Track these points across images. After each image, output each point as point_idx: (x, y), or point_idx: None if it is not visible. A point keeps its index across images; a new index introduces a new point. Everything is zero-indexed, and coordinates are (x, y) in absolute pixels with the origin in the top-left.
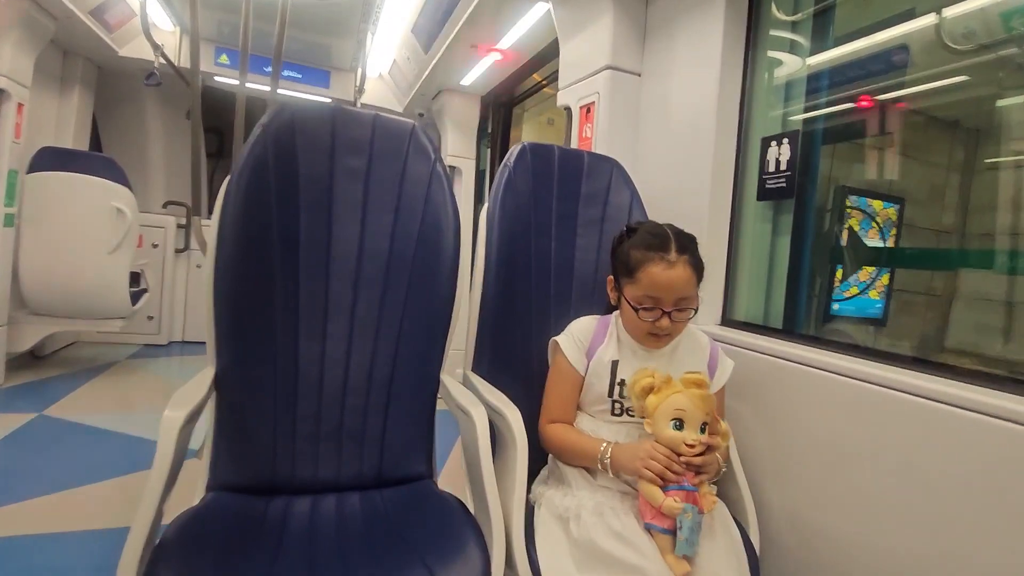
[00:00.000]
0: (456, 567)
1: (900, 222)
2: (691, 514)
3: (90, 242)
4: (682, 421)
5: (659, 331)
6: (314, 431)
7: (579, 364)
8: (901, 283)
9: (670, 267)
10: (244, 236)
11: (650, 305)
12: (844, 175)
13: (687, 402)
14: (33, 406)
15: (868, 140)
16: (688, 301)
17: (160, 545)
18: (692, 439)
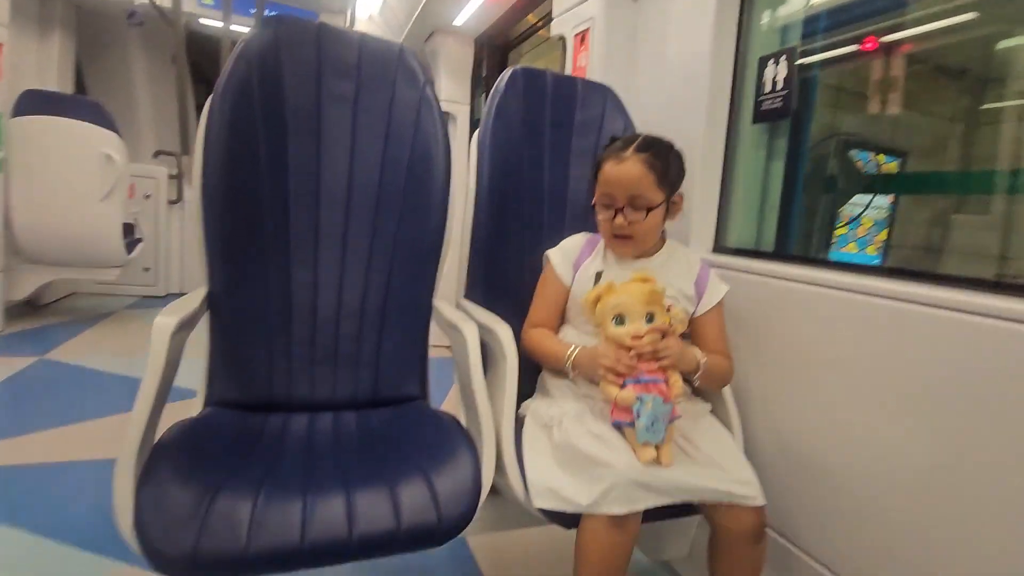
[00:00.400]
0: (449, 472)
1: (892, 220)
2: (650, 403)
3: (80, 189)
4: (623, 316)
5: (617, 230)
6: (309, 354)
7: (565, 274)
8: (900, 239)
9: (620, 163)
10: (230, 159)
11: (606, 203)
12: (843, 125)
13: (624, 297)
14: (34, 350)
15: (870, 79)
16: (640, 199)
17: (159, 445)
18: (634, 331)
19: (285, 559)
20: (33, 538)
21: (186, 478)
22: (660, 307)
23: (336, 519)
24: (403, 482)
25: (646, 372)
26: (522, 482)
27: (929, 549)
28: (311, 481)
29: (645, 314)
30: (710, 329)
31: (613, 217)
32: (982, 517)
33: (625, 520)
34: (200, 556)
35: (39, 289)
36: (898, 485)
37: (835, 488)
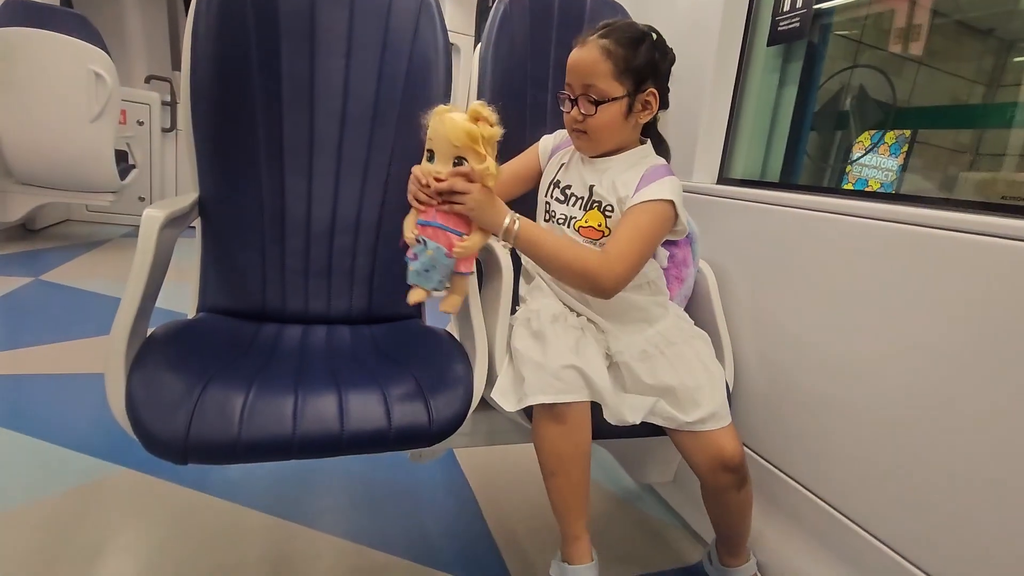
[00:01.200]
0: (441, 378)
1: (913, 140)
2: (432, 252)
3: (69, 109)
4: (432, 152)
5: (572, 123)
6: (303, 267)
7: (544, 153)
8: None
9: (581, 47)
10: (219, 58)
11: (565, 93)
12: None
13: (440, 130)
14: (28, 271)
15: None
16: (593, 89)
17: (150, 338)
18: (437, 171)
19: (276, 449)
20: (32, 440)
21: (178, 367)
22: (476, 153)
23: (328, 414)
24: (395, 386)
25: (440, 218)
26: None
27: (927, 479)
28: (304, 380)
29: (453, 157)
30: (622, 224)
31: (569, 110)
32: (984, 446)
33: (560, 413)
34: (192, 441)
35: (32, 212)
36: (895, 413)
37: (829, 417)
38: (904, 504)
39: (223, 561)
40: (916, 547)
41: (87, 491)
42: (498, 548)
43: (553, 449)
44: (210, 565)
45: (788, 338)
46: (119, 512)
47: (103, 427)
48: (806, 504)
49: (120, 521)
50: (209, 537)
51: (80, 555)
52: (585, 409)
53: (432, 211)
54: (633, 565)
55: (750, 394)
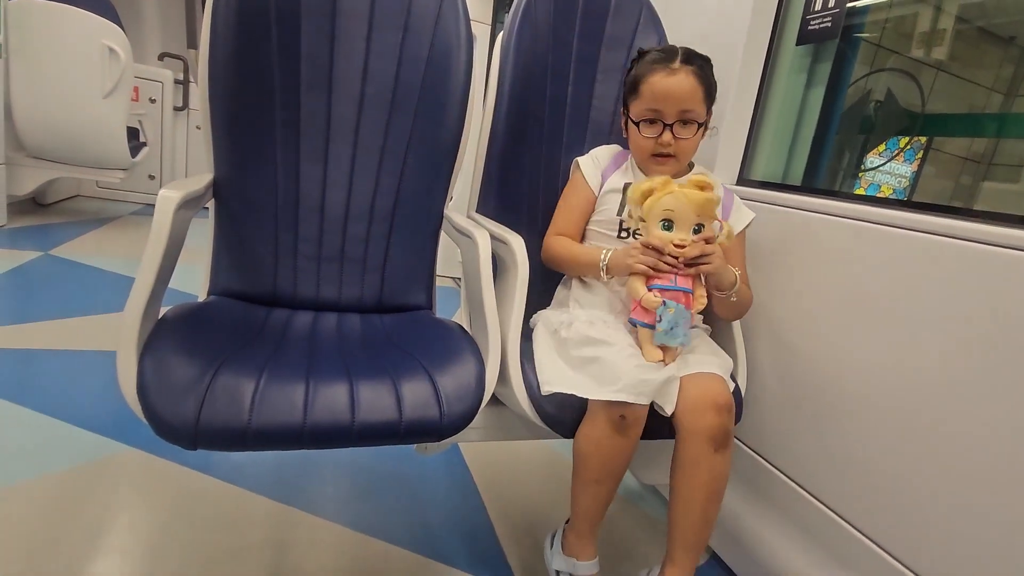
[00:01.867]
0: (453, 372)
1: (928, 147)
2: (673, 309)
3: (82, 84)
4: (671, 222)
5: (661, 148)
6: (315, 252)
7: (593, 181)
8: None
9: (671, 74)
10: (239, 35)
11: (652, 118)
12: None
13: (675, 202)
14: (38, 246)
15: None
16: (691, 114)
17: (162, 320)
18: (680, 239)
19: (286, 438)
20: (38, 415)
21: (189, 352)
22: (712, 218)
23: (339, 405)
24: (406, 379)
25: (679, 280)
26: (525, 391)
27: (943, 495)
28: (315, 369)
29: (694, 224)
30: (733, 256)
31: (660, 134)
32: (1006, 464)
33: (628, 424)
34: (203, 427)
35: (43, 187)
36: (912, 425)
37: (843, 427)
38: (918, 520)
39: (226, 544)
40: (930, 566)
41: (92, 468)
42: (499, 542)
43: (609, 460)
44: (213, 547)
45: (803, 345)
46: (123, 491)
47: (109, 405)
48: (817, 515)
49: (124, 500)
50: (213, 520)
51: (83, 532)
52: (643, 421)
53: (673, 277)
54: (634, 563)
55: (762, 400)
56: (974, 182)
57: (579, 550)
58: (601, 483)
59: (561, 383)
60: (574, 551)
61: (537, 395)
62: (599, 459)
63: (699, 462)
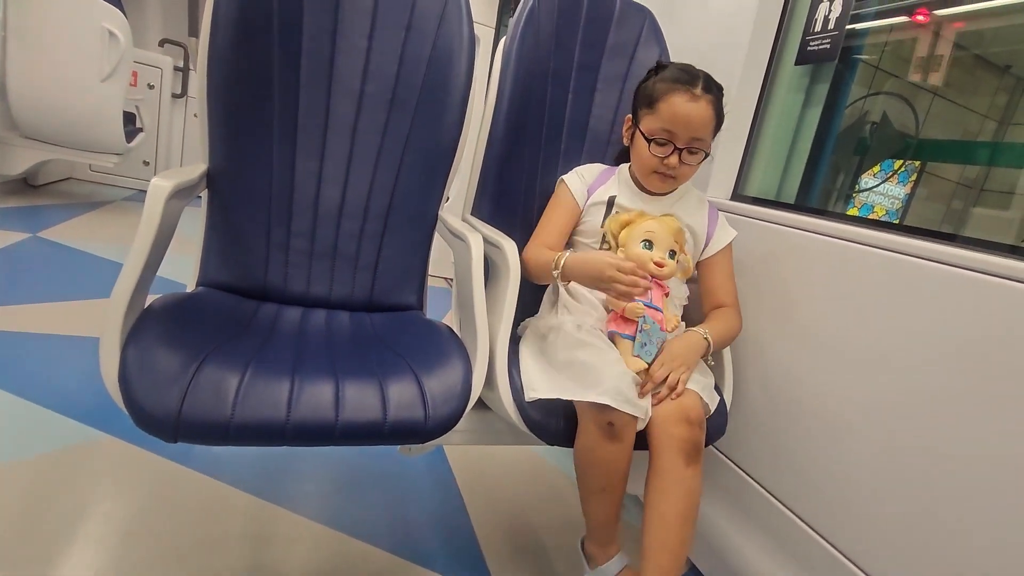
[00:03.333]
0: (440, 374)
1: (922, 170)
2: (650, 326)
3: (80, 65)
4: (651, 242)
5: (666, 169)
6: (308, 248)
7: (579, 195)
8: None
9: (693, 100)
10: (240, 26)
11: (664, 139)
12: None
13: (657, 226)
14: (26, 227)
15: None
16: (701, 143)
17: (148, 310)
18: (659, 257)
19: (268, 434)
20: (17, 400)
21: (173, 343)
22: (682, 249)
23: (323, 403)
24: (393, 379)
25: (654, 299)
26: (511, 396)
27: (933, 521)
28: (301, 365)
29: (669, 248)
30: (719, 272)
31: (668, 154)
32: (984, 487)
33: (619, 431)
34: (184, 419)
35: (35, 167)
36: (902, 450)
37: (822, 441)
38: (898, 540)
39: (203, 535)
40: None
41: (70, 455)
42: (479, 546)
43: (607, 467)
44: (190, 539)
45: (790, 361)
46: (101, 479)
47: (90, 392)
48: (797, 533)
49: (101, 488)
50: (191, 511)
51: (58, 519)
52: (633, 427)
53: (648, 293)
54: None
55: (748, 418)
56: (965, 207)
57: (603, 555)
58: (606, 491)
59: (545, 389)
60: (599, 559)
61: (523, 401)
62: (597, 468)
63: (670, 473)
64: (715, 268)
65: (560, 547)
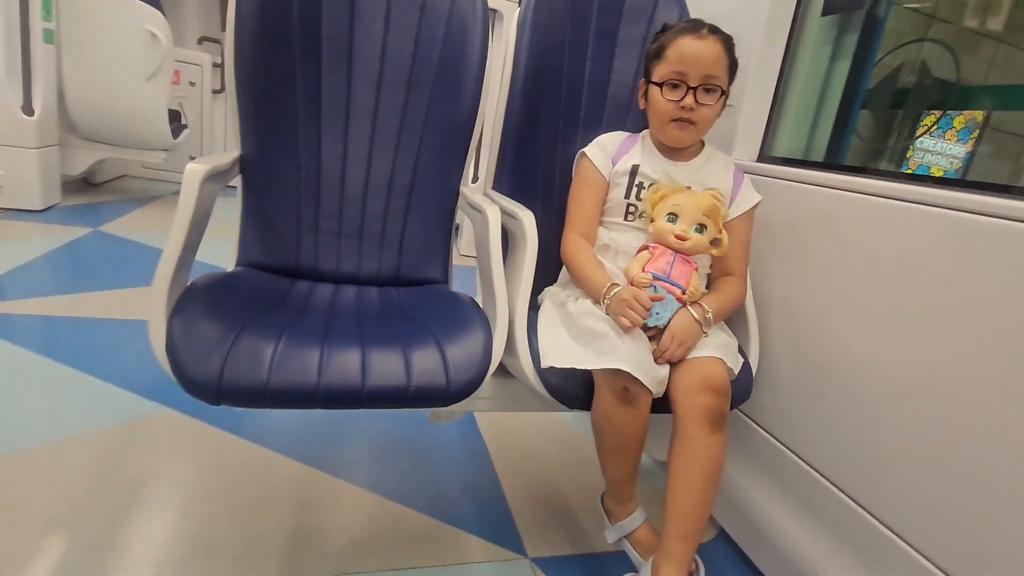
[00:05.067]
0: (461, 342)
1: (985, 126)
2: (663, 295)
3: (126, 67)
4: (676, 216)
5: (683, 113)
6: (336, 228)
7: (603, 168)
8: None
9: (699, 39)
10: (262, 18)
11: (676, 80)
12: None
13: (684, 199)
14: (88, 222)
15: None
16: (715, 80)
17: (191, 286)
18: (680, 231)
19: (301, 397)
20: (87, 377)
21: (214, 315)
22: (716, 223)
23: (351, 369)
24: (416, 347)
25: (673, 273)
26: (531, 362)
27: (961, 484)
28: (330, 335)
29: (697, 223)
30: (734, 238)
31: (682, 97)
32: (1019, 449)
33: (633, 397)
34: (225, 383)
35: (93, 167)
36: (931, 414)
37: (858, 412)
38: (932, 506)
39: (251, 497)
40: (940, 549)
41: (133, 426)
42: (510, 511)
43: (622, 431)
44: (239, 499)
45: (820, 327)
46: (159, 447)
47: (150, 368)
48: (827, 496)
49: (160, 455)
50: (240, 475)
51: (123, 484)
52: (648, 393)
53: (665, 265)
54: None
55: (775, 381)
56: None
57: (622, 512)
58: (621, 452)
59: (560, 358)
60: (618, 516)
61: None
62: (612, 431)
63: (695, 442)
64: (731, 233)
65: (587, 509)
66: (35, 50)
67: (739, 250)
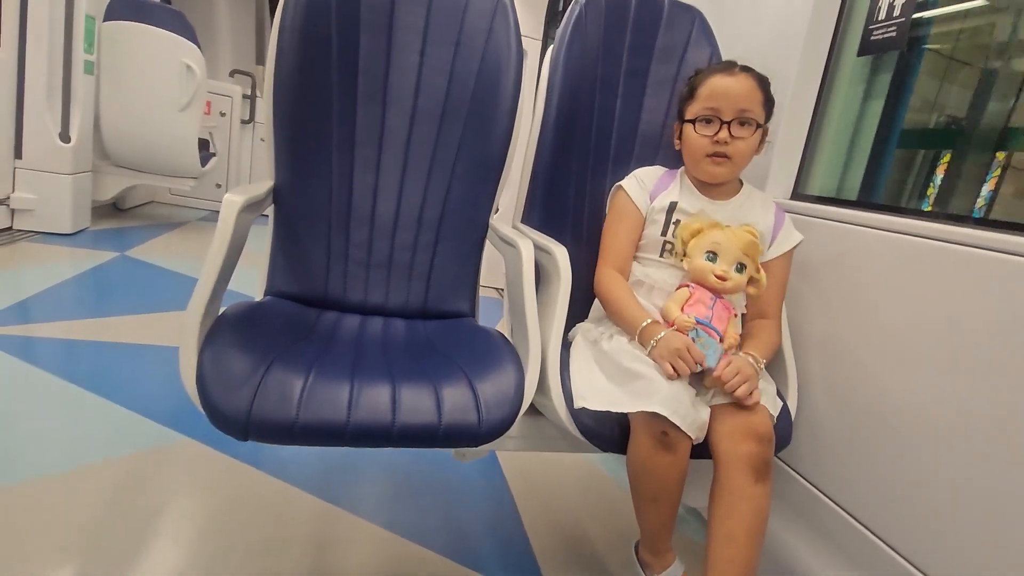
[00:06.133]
0: (493, 379)
1: (1007, 165)
2: (704, 338)
3: (162, 98)
4: (716, 254)
5: (718, 148)
6: (365, 258)
7: (641, 203)
8: None
9: (730, 75)
10: (303, 50)
11: (709, 115)
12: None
13: (723, 237)
14: (116, 247)
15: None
16: (749, 114)
17: (222, 316)
18: (721, 271)
19: (330, 434)
20: (108, 403)
21: (245, 347)
22: (754, 262)
23: (381, 405)
24: (447, 383)
25: (715, 319)
26: (564, 402)
27: (1004, 542)
28: (360, 369)
29: (736, 261)
30: (774, 278)
31: (716, 132)
32: None
33: (673, 443)
34: (254, 419)
35: (123, 193)
36: (979, 460)
37: (895, 453)
38: (985, 564)
39: (270, 535)
40: None
41: (151, 455)
42: (533, 554)
43: (659, 478)
44: (257, 537)
45: (862, 371)
46: (178, 477)
47: (171, 397)
48: (876, 553)
49: (178, 486)
50: (259, 511)
51: (139, 514)
52: (688, 438)
53: (706, 310)
54: None
55: (814, 427)
56: None
57: (658, 564)
58: (659, 500)
59: (595, 399)
60: (654, 568)
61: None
62: (649, 478)
63: (738, 492)
64: (770, 273)
65: (615, 555)
66: (76, 80)
67: (776, 291)
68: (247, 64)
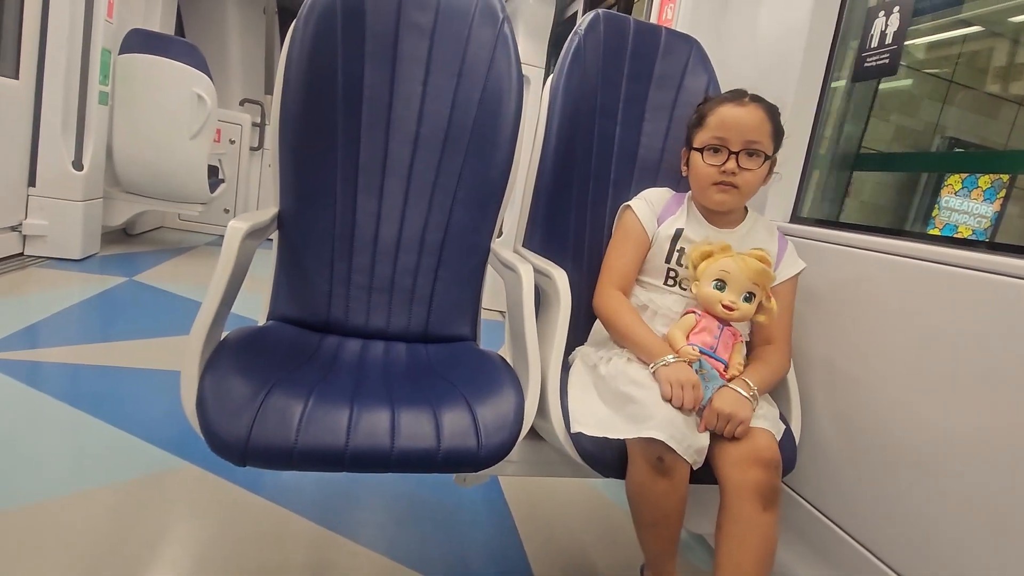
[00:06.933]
0: (493, 404)
1: (1011, 186)
2: (707, 370)
3: (173, 126)
4: (724, 283)
5: (725, 177)
6: (367, 283)
7: (648, 224)
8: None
9: (740, 106)
10: (309, 80)
11: (717, 145)
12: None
13: (732, 265)
14: (124, 272)
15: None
16: (758, 145)
17: (224, 341)
18: (729, 301)
19: (328, 460)
20: (110, 428)
21: (245, 372)
22: (764, 290)
23: (380, 430)
24: (447, 408)
25: (719, 350)
26: (564, 425)
27: (1008, 560)
28: (360, 394)
29: (746, 291)
30: (780, 303)
31: (724, 162)
32: None
33: (669, 468)
34: (252, 444)
35: (132, 218)
36: (985, 485)
37: (901, 478)
38: None
39: (267, 561)
40: None
41: (152, 480)
42: None
43: (658, 503)
44: (255, 563)
45: (866, 394)
46: (178, 503)
47: (174, 421)
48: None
49: (178, 512)
50: (257, 537)
51: (139, 540)
52: (686, 463)
53: (711, 339)
54: None
55: (819, 451)
56: None
57: None
58: (658, 525)
59: (592, 425)
60: None
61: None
62: (648, 503)
63: (745, 520)
64: (775, 299)
65: None
66: (90, 110)
67: (783, 317)
68: (256, 93)
